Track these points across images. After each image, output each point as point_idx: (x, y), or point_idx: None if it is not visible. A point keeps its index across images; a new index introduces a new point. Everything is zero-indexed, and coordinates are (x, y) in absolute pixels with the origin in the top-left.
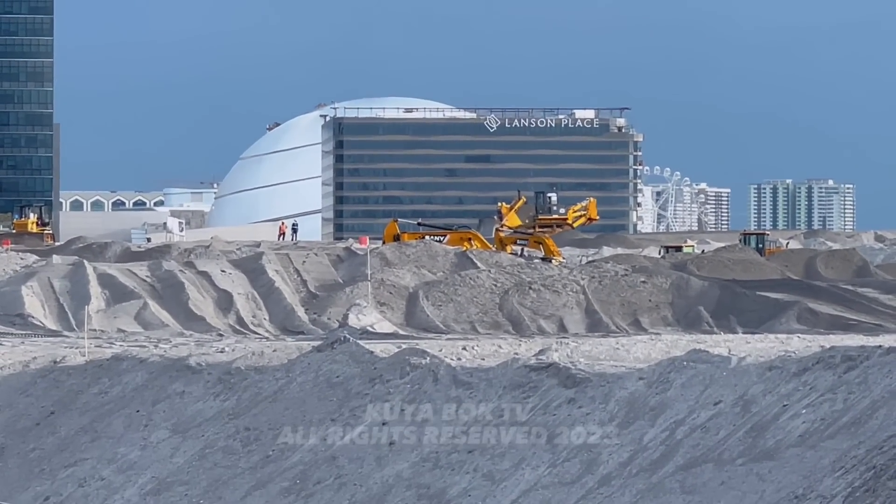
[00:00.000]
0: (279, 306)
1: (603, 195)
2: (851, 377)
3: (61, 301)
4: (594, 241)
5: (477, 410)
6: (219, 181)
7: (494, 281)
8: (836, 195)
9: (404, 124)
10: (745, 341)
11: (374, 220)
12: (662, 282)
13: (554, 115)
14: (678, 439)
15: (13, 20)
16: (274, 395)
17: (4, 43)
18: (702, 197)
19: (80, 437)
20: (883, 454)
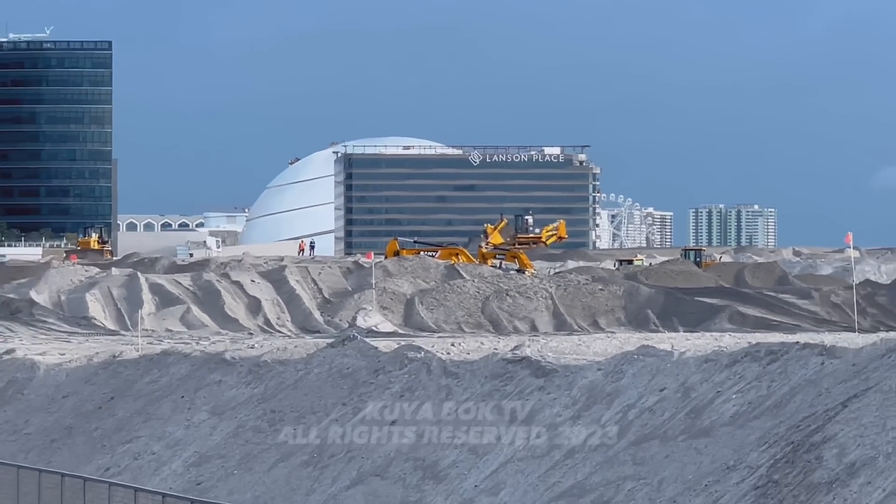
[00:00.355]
0: (299, 310)
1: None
2: (774, 368)
3: (119, 306)
4: (560, 255)
5: (463, 396)
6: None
7: (478, 289)
8: (761, 217)
9: (403, 159)
10: (685, 339)
11: (377, 238)
12: (617, 289)
13: (526, 151)
14: (630, 420)
15: (79, 73)
16: (295, 384)
17: (72, 92)
18: (649, 219)
19: (134, 418)
20: (800, 432)
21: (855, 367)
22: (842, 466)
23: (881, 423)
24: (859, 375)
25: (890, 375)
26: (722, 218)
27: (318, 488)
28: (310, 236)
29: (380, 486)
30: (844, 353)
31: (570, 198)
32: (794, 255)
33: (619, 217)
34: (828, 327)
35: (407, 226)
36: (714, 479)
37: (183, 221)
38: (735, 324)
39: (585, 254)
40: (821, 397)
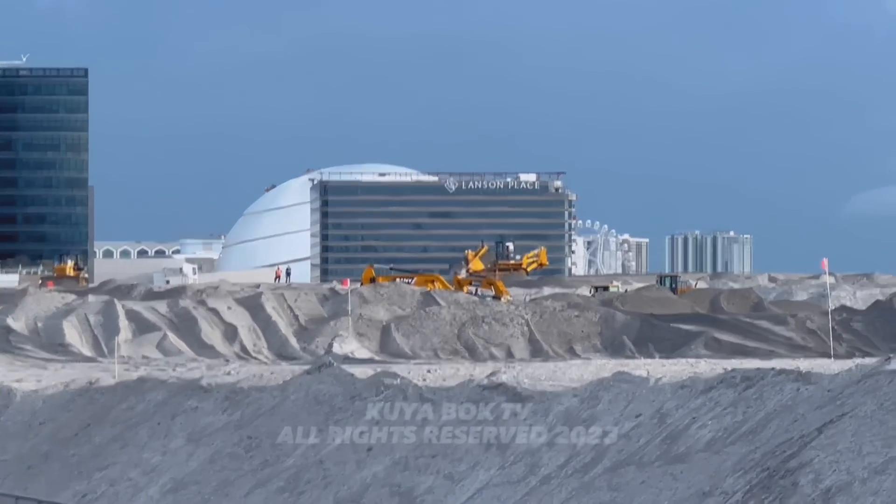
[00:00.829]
0: (276, 336)
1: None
2: (749, 394)
3: (95, 332)
4: (536, 282)
5: (439, 422)
6: (226, 233)
7: (453, 316)
8: (737, 244)
9: (379, 186)
10: (661, 364)
11: (353, 265)
12: (592, 316)
13: (502, 178)
14: (606, 446)
15: (55, 100)
16: (272, 410)
17: (48, 119)
18: (625, 245)
19: (111, 444)
20: (776, 457)
21: (830, 392)
22: (817, 492)
23: (857, 449)
24: (835, 401)
25: (865, 401)
26: (697, 244)
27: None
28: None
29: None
30: (820, 379)
31: (545, 224)
32: (770, 281)
33: (594, 244)
34: (803, 353)
35: (383, 252)
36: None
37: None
38: (711, 350)
39: (561, 280)
40: (796, 423)
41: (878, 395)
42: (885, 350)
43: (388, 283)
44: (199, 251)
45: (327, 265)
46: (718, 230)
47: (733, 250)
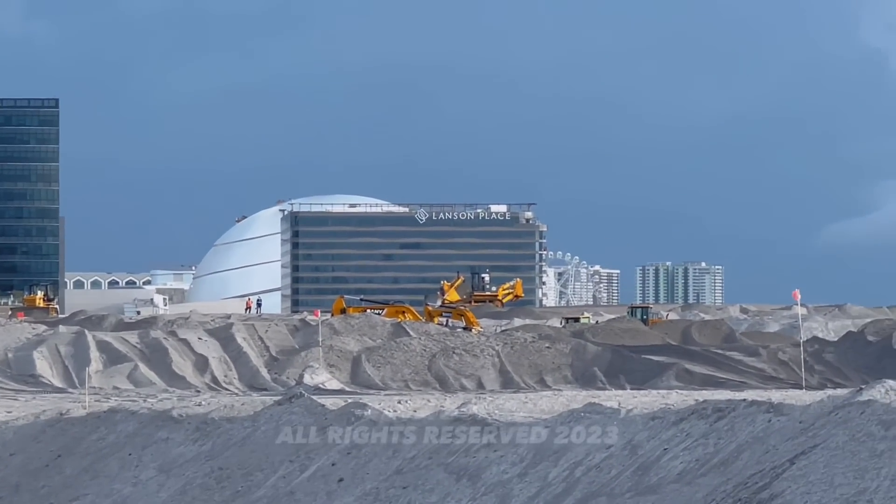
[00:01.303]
0: (246, 367)
1: (514, 276)
2: (721, 425)
3: (66, 363)
4: (507, 313)
5: (410, 453)
6: (196, 264)
7: (424, 347)
8: (708, 275)
9: (349, 217)
10: (632, 396)
11: (324, 296)
12: (563, 347)
13: (473, 209)
14: (577, 477)
15: (26, 131)
16: (243, 441)
17: (18, 150)
18: (596, 277)
19: (81, 476)
20: (747, 489)
21: (802, 424)
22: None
23: (828, 480)
24: (806, 433)
25: (837, 432)
26: (669, 275)
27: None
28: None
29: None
30: (792, 411)
31: (516, 256)
32: (742, 312)
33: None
34: (775, 384)
35: (353, 283)
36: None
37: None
38: (682, 381)
39: (532, 311)
40: (768, 454)
41: (850, 427)
42: (856, 381)
43: (358, 313)
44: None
45: (298, 296)
46: (690, 261)
47: (705, 281)
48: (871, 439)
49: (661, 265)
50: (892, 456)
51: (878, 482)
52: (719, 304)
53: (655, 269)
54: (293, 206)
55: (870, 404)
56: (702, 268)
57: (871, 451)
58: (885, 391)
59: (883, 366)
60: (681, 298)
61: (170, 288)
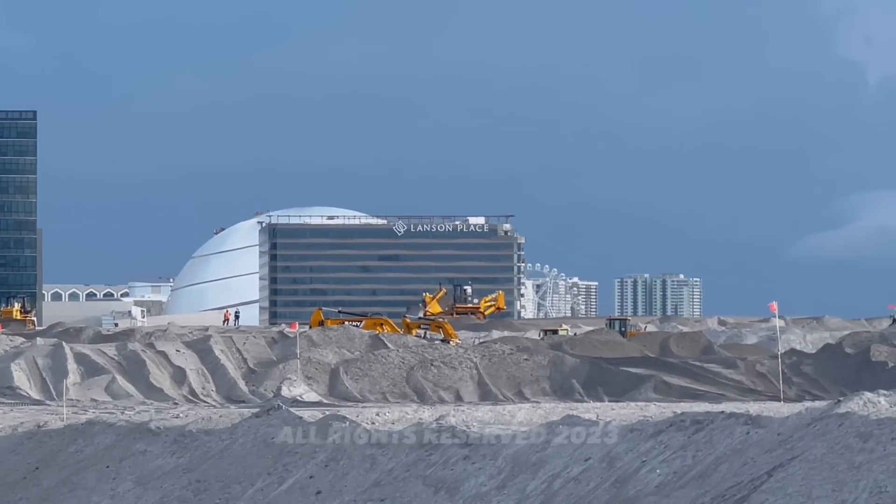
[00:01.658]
0: (224, 379)
1: (492, 288)
2: (699, 437)
3: (44, 375)
4: (485, 325)
5: (388, 465)
6: (174, 276)
7: (402, 359)
8: (686, 287)
9: (327, 229)
10: (610, 408)
11: (302, 308)
12: (541, 359)
13: (451, 221)
14: (555, 490)
15: (3, 143)
16: (220, 453)
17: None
18: (574, 289)
19: (59, 488)
20: (725, 501)
21: (780, 436)
22: None
23: (807, 493)
24: (784, 445)
25: (815, 445)
26: (647, 287)
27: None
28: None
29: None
30: (770, 423)
31: (494, 268)
32: (720, 324)
33: (543, 287)
34: (753, 397)
35: (331, 296)
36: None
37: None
38: (660, 393)
39: (510, 324)
40: (746, 467)
41: (828, 439)
42: (834, 393)
43: (336, 326)
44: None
45: (276, 308)
46: (667, 273)
47: (683, 293)
48: (849, 451)
49: (639, 277)
50: (871, 468)
51: (857, 494)
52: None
53: (634, 281)
54: (271, 217)
55: (848, 416)
56: (680, 280)
57: (850, 463)
58: (863, 403)
59: (861, 378)
60: (659, 310)
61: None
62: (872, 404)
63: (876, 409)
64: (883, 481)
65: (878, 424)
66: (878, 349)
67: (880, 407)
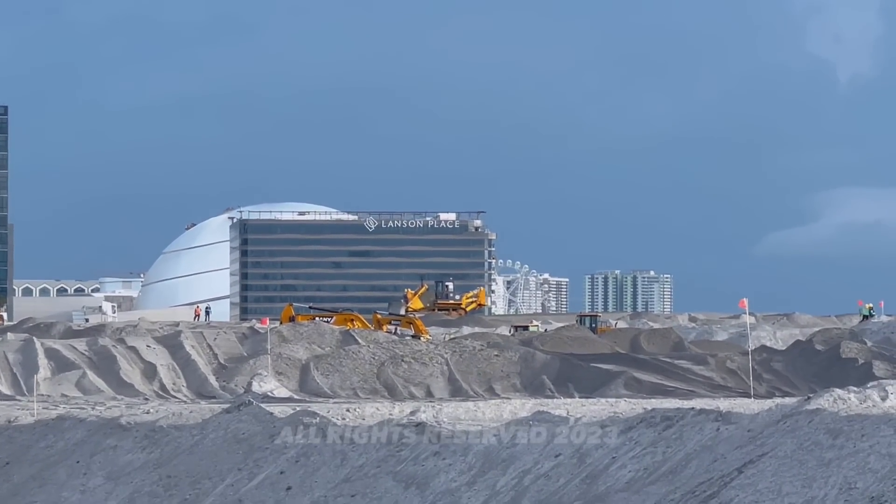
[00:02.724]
0: (195, 375)
1: (463, 284)
2: (669, 434)
3: (14, 371)
4: (455, 321)
5: (358, 461)
6: (145, 272)
7: (373, 355)
8: (657, 283)
9: (298, 225)
10: (580, 404)
11: (273, 304)
12: (512, 355)
13: (422, 217)
14: (525, 486)
15: None
16: (191, 449)
17: None
18: (545, 285)
19: (29, 483)
20: (696, 497)
21: (750, 432)
22: None
23: (777, 489)
24: (755, 441)
25: (785, 441)
26: (618, 284)
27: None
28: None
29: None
30: (740, 419)
31: (465, 264)
32: (690, 320)
33: (514, 283)
34: (723, 393)
35: (302, 291)
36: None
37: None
38: (631, 389)
39: (481, 320)
40: (716, 463)
41: (798, 436)
42: (804, 390)
43: (307, 321)
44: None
45: (247, 304)
46: (638, 269)
47: (653, 290)
48: (818, 448)
49: (609, 273)
50: (840, 464)
51: (826, 490)
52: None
53: (604, 277)
54: (242, 213)
55: (818, 413)
56: (650, 276)
57: (819, 459)
58: (833, 400)
59: (831, 375)
60: (629, 307)
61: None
62: (842, 401)
63: (846, 406)
64: (852, 478)
65: (847, 421)
66: (848, 346)
67: (850, 404)
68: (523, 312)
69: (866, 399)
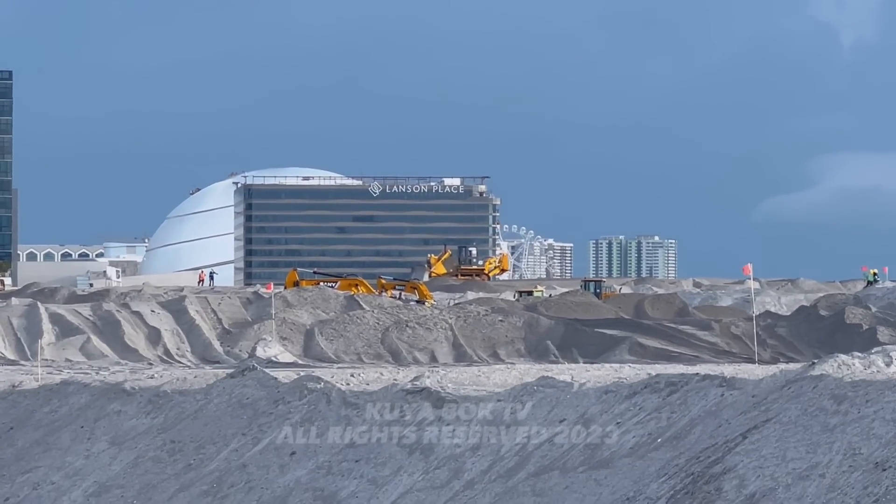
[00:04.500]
0: (199, 340)
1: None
2: (673, 399)
3: (18, 335)
4: (460, 286)
5: (363, 426)
6: (149, 237)
7: (377, 320)
8: (661, 248)
9: (303, 190)
10: (585, 370)
11: (277, 269)
12: (516, 321)
13: (426, 182)
14: (529, 451)
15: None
16: (195, 414)
17: None
18: (550, 251)
19: (33, 448)
20: (700, 463)
21: (755, 398)
22: (741, 498)
23: (781, 454)
24: (759, 407)
25: (789, 406)
26: (622, 249)
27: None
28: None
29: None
30: (744, 385)
31: (470, 229)
32: (695, 286)
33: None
34: (728, 358)
35: (306, 256)
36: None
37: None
38: (635, 355)
39: (485, 285)
40: (721, 428)
41: (802, 401)
42: (809, 356)
43: (311, 286)
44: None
45: (251, 269)
46: (643, 235)
47: (658, 255)
48: (823, 413)
49: (614, 239)
50: (845, 430)
51: (831, 456)
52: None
53: (609, 242)
54: (246, 178)
55: (822, 379)
56: (655, 242)
57: (824, 425)
58: (838, 366)
59: (835, 340)
60: (634, 272)
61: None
62: (847, 367)
63: (850, 372)
64: (857, 443)
65: (852, 387)
66: (852, 311)
67: (854, 369)
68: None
69: (871, 365)
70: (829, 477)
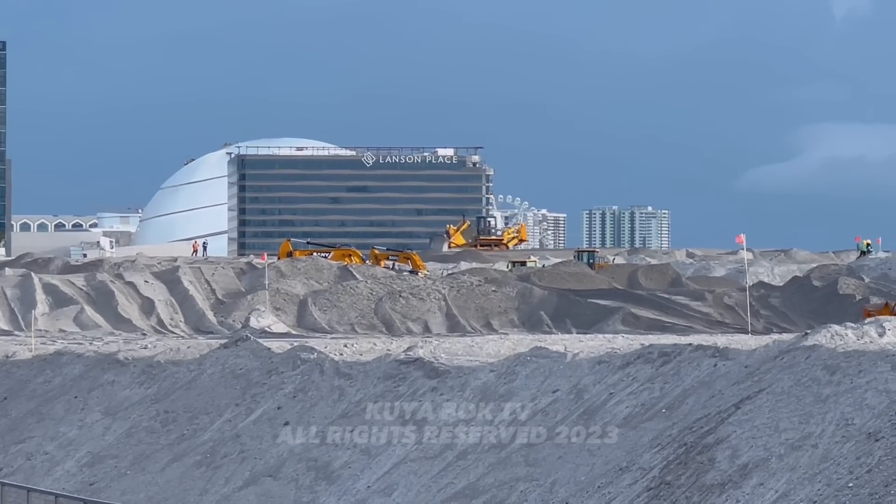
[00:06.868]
0: (193, 310)
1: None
2: (667, 370)
3: (12, 306)
4: (453, 257)
5: (356, 397)
6: (143, 207)
7: (370, 290)
8: (654, 219)
9: (296, 160)
10: (578, 340)
11: (271, 239)
12: (510, 291)
13: (420, 152)
14: (523, 421)
15: None
16: (188, 384)
17: None
18: (543, 221)
19: (27, 418)
20: (693, 433)
21: (748, 368)
22: (734, 468)
23: (773, 425)
24: (752, 377)
25: (782, 377)
26: (615, 219)
27: (210, 489)
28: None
29: (272, 486)
30: (737, 355)
31: (463, 199)
32: (688, 256)
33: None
34: (721, 329)
35: (300, 227)
36: (607, 480)
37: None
38: (628, 325)
39: (478, 255)
40: (714, 399)
41: (795, 372)
42: (802, 326)
43: (305, 257)
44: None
45: (244, 239)
46: (636, 205)
47: (651, 225)
48: (816, 384)
49: (607, 209)
50: (837, 401)
51: (823, 427)
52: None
53: (602, 213)
54: (240, 149)
55: (815, 349)
56: (648, 212)
57: (816, 395)
58: (831, 336)
59: (828, 311)
60: (627, 243)
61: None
62: (839, 337)
63: (843, 342)
64: (849, 414)
65: (844, 357)
66: (845, 282)
67: (847, 340)
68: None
69: (864, 335)
70: (821, 447)
